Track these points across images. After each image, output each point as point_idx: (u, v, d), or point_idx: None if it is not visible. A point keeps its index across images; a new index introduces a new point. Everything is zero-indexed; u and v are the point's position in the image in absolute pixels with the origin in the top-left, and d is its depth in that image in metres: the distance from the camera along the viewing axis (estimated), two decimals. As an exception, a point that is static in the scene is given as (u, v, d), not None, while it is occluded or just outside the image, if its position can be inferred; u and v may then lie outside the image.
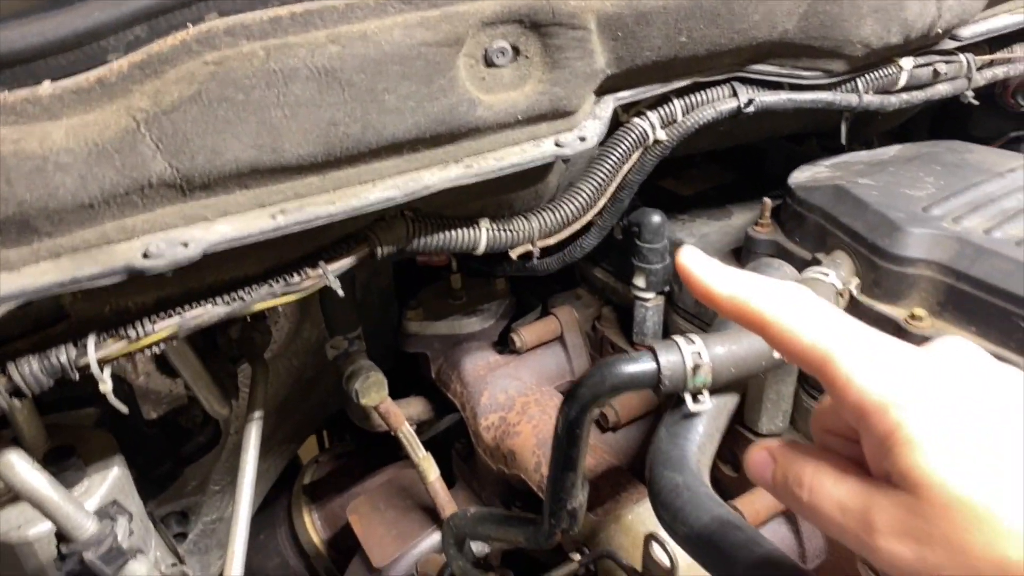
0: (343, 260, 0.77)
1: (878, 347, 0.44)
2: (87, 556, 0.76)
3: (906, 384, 0.42)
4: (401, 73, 0.67)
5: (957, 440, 0.39)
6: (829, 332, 0.44)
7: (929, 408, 0.40)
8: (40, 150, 0.58)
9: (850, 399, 0.43)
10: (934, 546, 0.39)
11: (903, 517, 0.40)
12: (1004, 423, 0.40)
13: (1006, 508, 0.37)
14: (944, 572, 0.39)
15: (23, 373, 0.66)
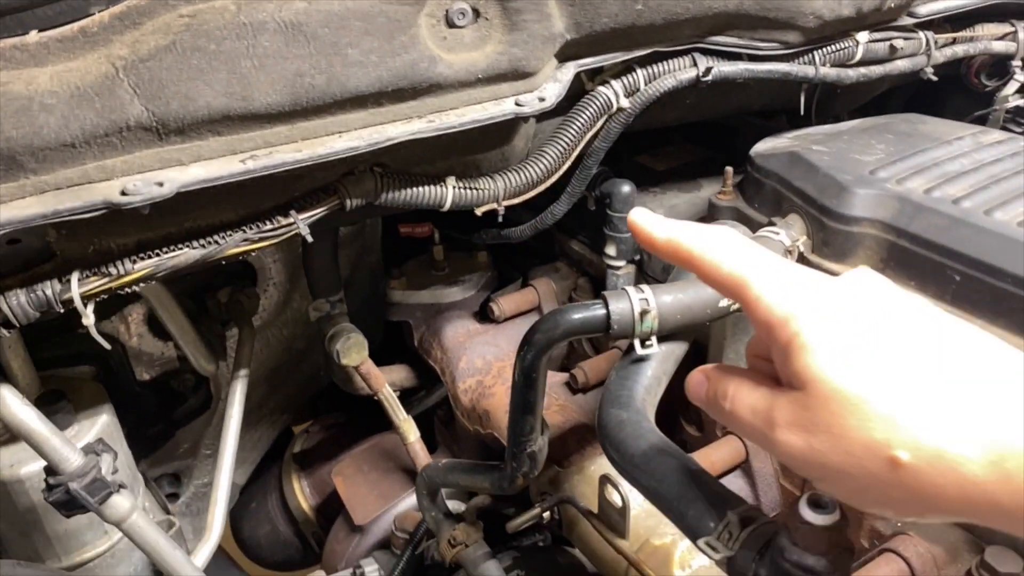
0: (314, 210, 0.82)
1: (785, 273, 0.49)
2: (72, 486, 0.81)
3: (805, 301, 0.47)
4: (364, 28, 0.73)
5: (842, 345, 0.44)
6: (745, 261, 0.50)
7: (822, 320, 0.46)
8: (26, 92, 0.64)
9: (760, 316, 0.49)
10: (819, 434, 0.45)
11: (796, 411, 0.46)
12: (883, 332, 0.45)
13: (875, 398, 0.43)
14: (826, 457, 0.45)
15: (11, 305, 0.71)
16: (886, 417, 0.42)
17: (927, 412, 0.41)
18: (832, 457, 0.44)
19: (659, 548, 0.90)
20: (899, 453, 0.41)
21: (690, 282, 0.86)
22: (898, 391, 0.42)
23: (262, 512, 1.59)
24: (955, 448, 0.40)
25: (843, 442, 0.43)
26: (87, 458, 0.83)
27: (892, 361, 0.43)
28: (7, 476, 0.92)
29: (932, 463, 0.41)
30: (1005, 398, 0.40)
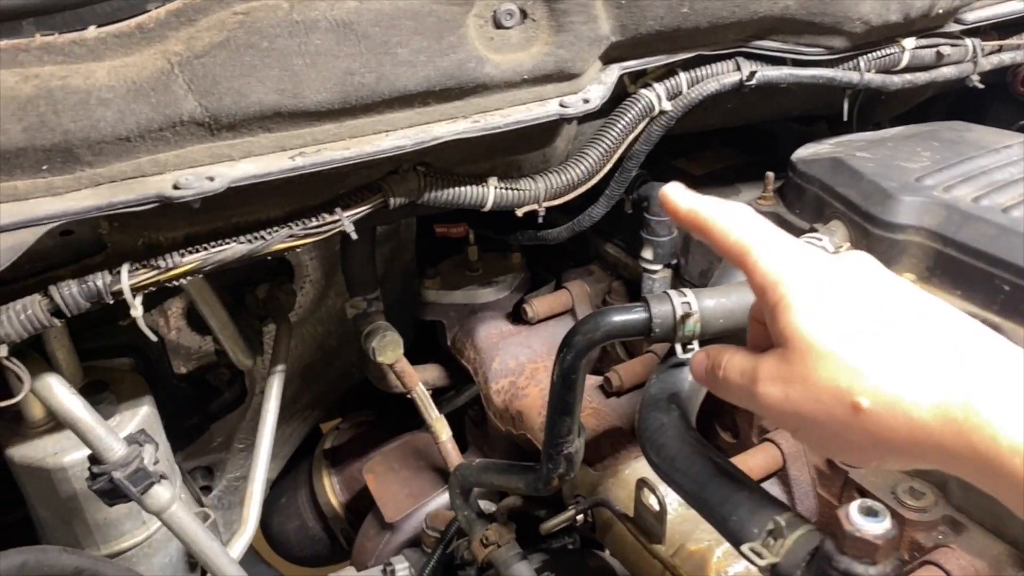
0: (359, 207, 0.83)
1: (783, 244, 0.56)
2: (116, 475, 0.83)
3: (795, 269, 0.53)
4: (413, 28, 0.73)
5: (821, 307, 0.51)
6: (750, 231, 0.57)
7: (807, 285, 0.52)
8: (84, 86, 0.65)
9: (756, 280, 0.55)
10: (795, 384, 0.51)
11: (778, 366, 0.53)
12: (859, 298, 0.51)
13: (844, 352, 0.49)
14: (800, 405, 0.51)
15: (63, 295, 0.72)
16: (852, 368, 0.48)
17: (887, 366, 0.48)
18: (805, 405, 0.51)
19: (695, 553, 0.89)
20: (861, 399, 0.48)
21: (732, 287, 0.85)
22: (864, 347, 0.49)
23: (292, 507, 1.60)
24: (909, 397, 0.46)
25: (815, 390, 0.50)
26: (130, 448, 0.85)
27: (862, 323, 0.50)
28: (50, 464, 0.93)
29: (888, 409, 0.47)
30: (955, 357, 0.47)
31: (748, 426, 1.03)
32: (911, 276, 0.87)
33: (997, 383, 0.45)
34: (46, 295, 0.73)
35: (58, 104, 0.64)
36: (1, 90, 0.63)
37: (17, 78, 0.64)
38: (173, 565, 1.11)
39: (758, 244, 0.55)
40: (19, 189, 0.66)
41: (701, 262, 1.13)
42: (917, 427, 0.46)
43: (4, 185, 0.66)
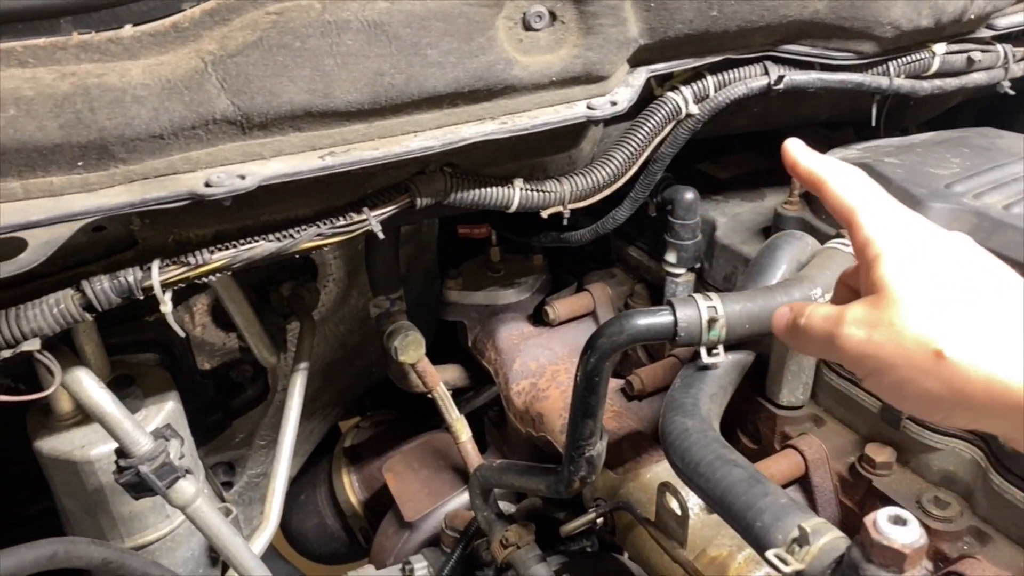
0: (386, 207, 0.83)
1: (892, 209, 0.59)
2: (143, 469, 0.83)
3: (897, 231, 0.56)
4: (443, 29, 0.73)
5: (917, 263, 0.54)
6: (862, 194, 0.60)
7: (906, 245, 0.55)
8: (120, 84, 0.66)
9: (860, 236, 0.58)
10: (880, 327, 0.53)
11: (865, 310, 0.55)
12: (954, 261, 0.54)
13: (934, 303, 0.52)
14: (882, 348, 0.53)
15: (95, 290, 0.73)
16: (940, 317, 0.51)
17: (975, 321, 0.50)
18: (887, 348, 0.52)
19: (716, 559, 0.89)
20: (945, 347, 0.49)
21: (758, 291, 0.85)
22: (954, 302, 0.51)
23: (311, 505, 1.61)
24: (993, 352, 0.48)
25: (899, 335, 0.52)
26: (156, 442, 0.85)
27: (954, 282, 0.52)
28: (78, 457, 0.94)
29: (971, 360, 0.49)
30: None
31: (770, 432, 1.02)
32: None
33: None
34: (78, 290, 0.74)
35: (94, 101, 0.65)
36: (39, 87, 0.64)
37: (54, 75, 0.65)
38: (195, 559, 1.12)
39: (866, 206, 0.58)
40: (54, 185, 0.67)
41: (725, 266, 1.13)
42: (997, 383, 0.48)
43: (40, 181, 0.67)
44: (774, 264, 0.92)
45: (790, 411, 1.01)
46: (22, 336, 0.71)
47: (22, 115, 0.64)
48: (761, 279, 0.91)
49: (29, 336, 0.71)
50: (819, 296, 0.84)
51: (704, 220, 1.15)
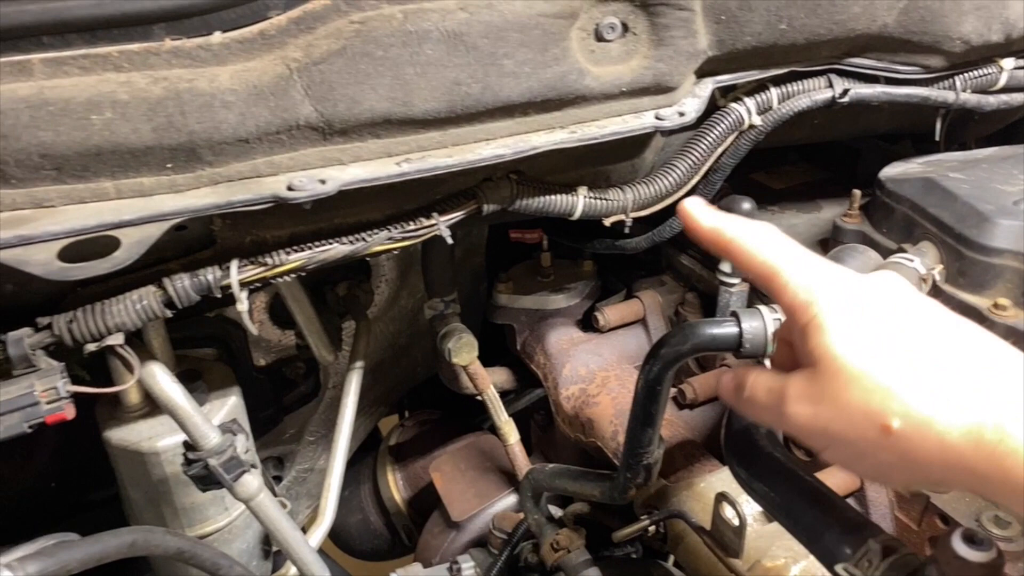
0: (454, 213, 0.85)
1: (813, 265, 0.55)
2: (211, 462, 0.86)
3: (826, 290, 0.53)
4: (520, 40, 0.75)
5: (852, 328, 0.51)
6: (779, 252, 0.56)
7: (838, 306, 0.52)
8: (210, 89, 0.68)
9: (787, 300, 0.55)
10: (825, 404, 0.51)
11: (807, 385, 0.52)
12: (890, 319, 0.51)
13: (876, 373, 0.49)
14: (830, 424, 0.51)
15: (176, 287, 0.76)
16: (884, 389, 0.48)
17: (919, 387, 0.47)
18: (835, 424, 0.50)
19: (771, 570, 0.89)
20: (892, 421, 0.47)
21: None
22: (896, 368, 0.48)
23: (354, 501, 1.63)
24: (940, 419, 0.46)
25: (845, 411, 0.50)
26: (224, 437, 0.87)
27: (894, 343, 0.49)
28: (145, 448, 0.97)
29: (920, 431, 0.47)
30: (987, 379, 0.47)
31: (825, 445, 1.02)
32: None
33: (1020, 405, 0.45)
34: (160, 287, 0.76)
35: (185, 106, 0.67)
36: (133, 91, 0.67)
37: (148, 80, 0.67)
38: (249, 551, 1.14)
39: (787, 264, 0.55)
40: (144, 185, 0.69)
41: (781, 277, 1.13)
42: (949, 449, 0.46)
43: (131, 181, 0.69)
44: (836, 277, 0.91)
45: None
46: (107, 331, 0.74)
47: (118, 118, 0.66)
48: (823, 292, 0.90)
49: (113, 331, 0.74)
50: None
51: (760, 230, 1.15)
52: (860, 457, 0.51)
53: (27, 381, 0.71)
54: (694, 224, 0.60)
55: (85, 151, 0.66)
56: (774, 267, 0.55)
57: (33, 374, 0.72)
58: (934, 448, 0.47)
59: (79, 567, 0.68)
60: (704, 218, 0.60)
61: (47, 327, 0.73)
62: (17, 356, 0.71)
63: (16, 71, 0.65)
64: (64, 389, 0.72)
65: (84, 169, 0.67)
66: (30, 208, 0.67)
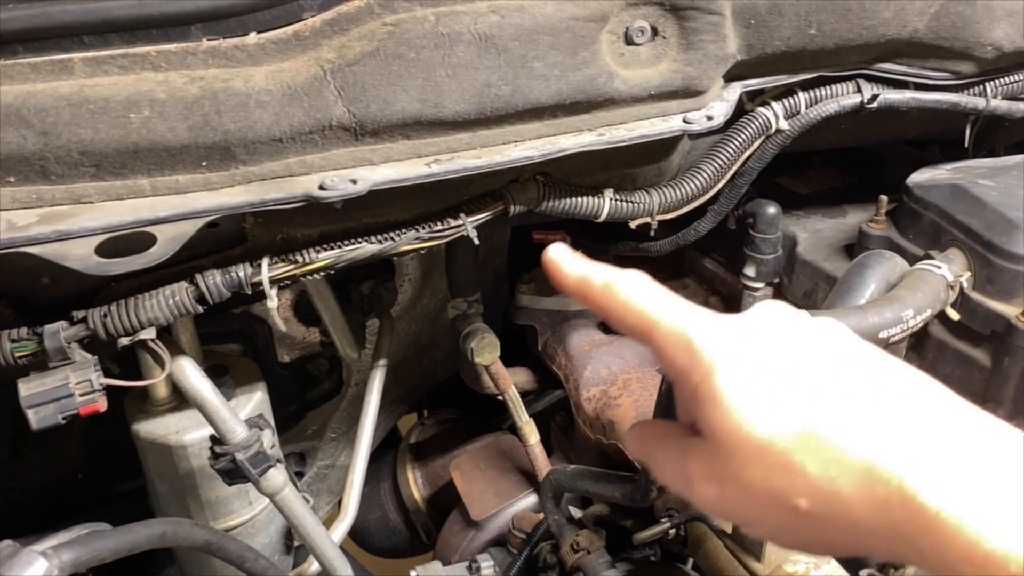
0: (481, 214, 0.85)
1: (688, 321, 0.48)
2: (238, 457, 0.87)
3: (707, 349, 0.46)
4: (550, 43, 0.75)
5: (743, 394, 0.44)
6: (653, 305, 0.49)
7: (724, 369, 0.45)
8: (245, 88, 0.69)
9: (665, 362, 0.48)
10: (728, 483, 0.45)
11: (707, 462, 0.46)
12: (779, 379, 0.44)
13: (773, 448, 0.43)
14: (739, 505, 0.46)
15: (208, 284, 0.77)
16: (784, 466, 0.43)
17: (821, 458, 0.42)
18: (742, 506, 0.46)
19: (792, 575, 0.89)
20: (799, 500, 0.42)
21: (849, 310, 0.85)
22: (795, 438, 0.42)
23: (374, 498, 1.64)
24: (845, 493, 0.41)
25: (750, 491, 0.44)
26: (251, 432, 0.89)
27: (790, 407, 0.43)
28: (173, 441, 0.98)
29: (829, 508, 0.42)
30: (896, 440, 0.41)
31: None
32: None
33: (932, 465, 0.39)
34: (192, 283, 0.77)
35: (221, 105, 0.68)
36: (171, 90, 0.68)
37: (185, 79, 0.69)
38: (272, 546, 1.16)
39: (663, 320, 0.48)
40: (180, 183, 0.71)
41: (805, 283, 1.13)
42: (860, 527, 0.41)
43: (167, 179, 0.70)
44: (863, 283, 0.91)
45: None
46: (140, 325, 0.75)
47: (155, 116, 0.67)
48: (849, 298, 0.90)
49: (147, 325, 0.75)
50: (910, 317, 0.84)
51: (785, 235, 1.15)
52: (780, 535, 0.46)
53: (62, 373, 0.73)
54: (559, 273, 0.54)
55: (123, 149, 0.67)
56: (649, 322, 0.48)
57: (68, 366, 0.73)
58: (846, 526, 0.42)
59: (111, 556, 0.70)
60: (569, 266, 0.53)
61: (82, 321, 0.74)
62: (53, 348, 0.72)
63: (57, 70, 0.67)
64: (97, 382, 0.74)
65: (122, 166, 0.69)
66: (69, 204, 0.69)
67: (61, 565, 0.65)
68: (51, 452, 1.22)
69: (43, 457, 1.21)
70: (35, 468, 1.22)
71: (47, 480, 1.23)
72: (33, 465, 1.21)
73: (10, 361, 0.72)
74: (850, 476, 0.41)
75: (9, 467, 1.18)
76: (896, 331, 0.83)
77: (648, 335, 0.49)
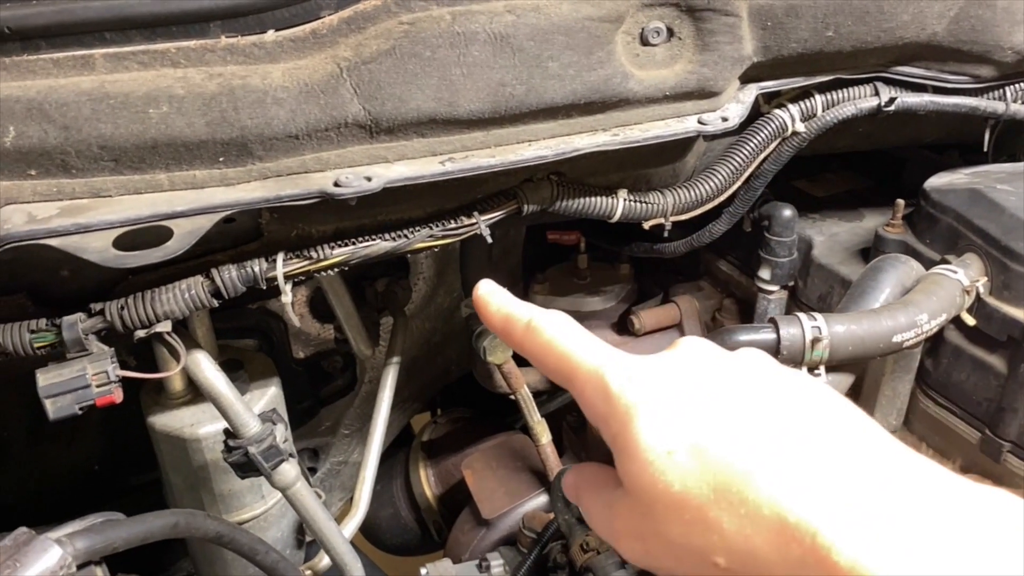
0: (494, 212, 0.86)
1: (607, 365, 0.46)
2: (251, 450, 0.88)
3: (621, 398, 0.44)
4: (565, 43, 0.76)
5: (659, 446, 0.42)
6: (573, 350, 0.47)
7: (638, 419, 0.43)
8: (262, 85, 0.70)
9: (585, 407, 0.47)
10: (651, 540, 0.43)
11: (631, 518, 0.45)
12: (695, 429, 0.42)
13: (691, 500, 0.41)
14: (664, 562, 0.44)
15: (223, 278, 0.78)
16: (702, 522, 0.41)
17: (735, 514, 0.40)
18: (667, 563, 0.44)
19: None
20: (717, 559, 0.41)
21: (863, 314, 0.85)
22: (708, 497, 0.41)
23: (385, 495, 1.65)
24: (762, 553, 0.39)
25: (672, 549, 0.43)
26: (264, 426, 0.89)
27: (702, 464, 0.41)
28: (187, 434, 0.99)
29: (745, 568, 0.40)
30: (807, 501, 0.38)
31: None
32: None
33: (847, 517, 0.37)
34: (207, 277, 0.78)
35: (238, 101, 0.69)
36: (189, 86, 0.69)
37: (203, 76, 0.70)
38: (283, 540, 1.17)
39: (585, 364, 0.46)
40: (197, 178, 0.71)
41: (820, 286, 1.12)
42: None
43: (184, 174, 0.71)
44: (878, 287, 0.91)
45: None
46: (156, 318, 0.76)
47: (174, 112, 0.68)
48: (864, 302, 0.90)
49: (163, 318, 0.76)
50: (925, 322, 0.84)
51: (800, 238, 1.15)
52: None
53: (79, 364, 0.74)
54: (485, 312, 0.52)
55: (142, 143, 0.68)
56: (570, 367, 0.47)
57: (85, 358, 0.75)
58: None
59: (124, 545, 0.71)
60: (495, 305, 0.52)
61: (100, 313, 0.75)
62: (71, 340, 0.73)
63: (79, 65, 0.68)
64: (114, 373, 0.75)
65: (140, 161, 0.69)
66: (88, 198, 0.70)
67: (75, 552, 0.66)
68: (68, 444, 1.24)
69: (60, 448, 1.23)
70: (52, 459, 1.23)
71: (63, 471, 1.25)
72: (50, 456, 1.23)
73: (29, 351, 0.74)
74: (765, 534, 0.39)
75: (26, 458, 1.20)
76: (910, 335, 0.83)
77: (569, 380, 0.47)
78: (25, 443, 1.18)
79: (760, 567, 0.39)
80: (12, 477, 1.19)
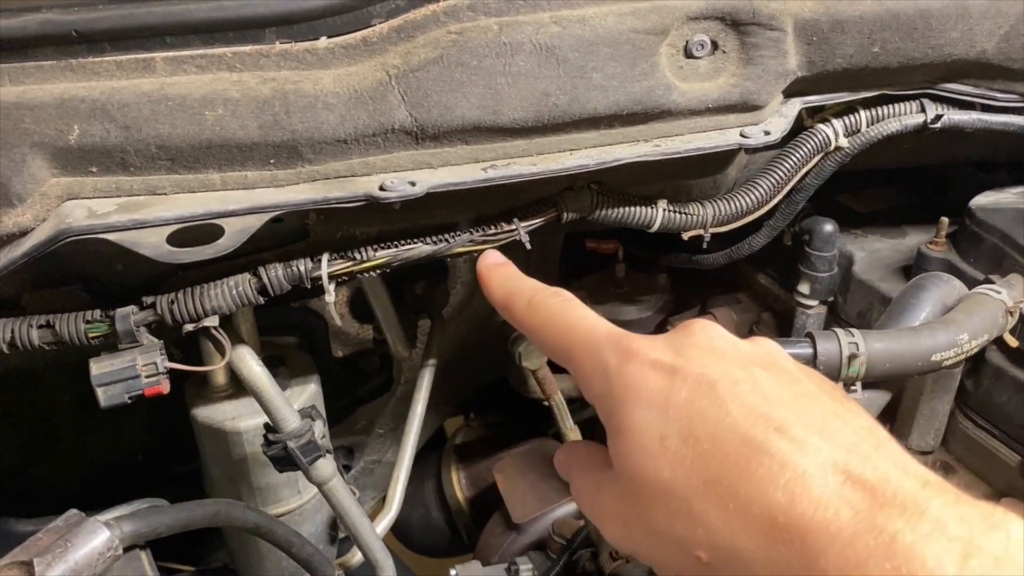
0: (534, 219, 0.87)
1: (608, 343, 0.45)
2: (290, 445, 0.90)
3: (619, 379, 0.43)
4: (610, 55, 0.77)
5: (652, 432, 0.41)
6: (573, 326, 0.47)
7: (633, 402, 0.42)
8: (314, 91, 0.72)
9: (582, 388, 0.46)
10: (635, 524, 0.43)
11: (617, 501, 0.44)
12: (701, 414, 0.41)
13: (676, 489, 0.40)
14: (646, 547, 0.43)
15: (270, 276, 0.80)
16: (686, 514, 0.40)
17: (723, 513, 0.39)
18: (649, 550, 0.43)
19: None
20: (699, 552, 0.40)
21: (902, 331, 0.84)
22: (696, 488, 0.40)
23: (417, 496, 1.66)
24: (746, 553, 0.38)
25: (656, 537, 0.42)
26: (303, 421, 0.92)
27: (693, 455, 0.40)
28: (228, 427, 1.02)
29: (727, 565, 0.39)
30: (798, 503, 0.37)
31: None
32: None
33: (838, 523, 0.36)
34: (255, 275, 0.80)
35: (290, 106, 0.72)
36: (244, 90, 0.71)
37: (257, 80, 0.72)
38: (317, 535, 1.19)
39: (584, 341, 0.46)
40: (248, 179, 0.74)
41: (860, 302, 1.11)
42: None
43: (236, 174, 0.73)
44: (918, 305, 0.90)
45: (919, 456, 0.99)
46: (204, 313, 0.79)
47: (228, 114, 0.71)
48: (904, 319, 0.89)
49: (210, 313, 0.78)
50: (966, 341, 0.83)
51: (841, 253, 1.14)
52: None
53: (130, 355, 0.77)
54: (488, 287, 0.52)
55: (197, 144, 0.71)
56: (568, 343, 0.46)
57: (136, 349, 0.77)
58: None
59: (167, 531, 0.73)
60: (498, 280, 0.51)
61: (151, 306, 0.78)
62: (123, 331, 0.76)
63: (140, 68, 0.71)
64: (162, 365, 0.77)
65: (195, 161, 0.72)
66: (144, 195, 0.72)
67: (122, 535, 0.69)
68: (114, 433, 1.28)
69: (106, 437, 1.27)
70: (98, 448, 1.27)
71: (109, 459, 1.29)
72: (97, 444, 1.27)
73: (83, 341, 0.77)
74: (753, 533, 0.37)
75: (75, 445, 1.24)
76: (950, 355, 0.82)
77: (567, 357, 0.47)
78: (73, 431, 1.22)
79: (744, 566, 0.38)
80: (61, 463, 1.23)
